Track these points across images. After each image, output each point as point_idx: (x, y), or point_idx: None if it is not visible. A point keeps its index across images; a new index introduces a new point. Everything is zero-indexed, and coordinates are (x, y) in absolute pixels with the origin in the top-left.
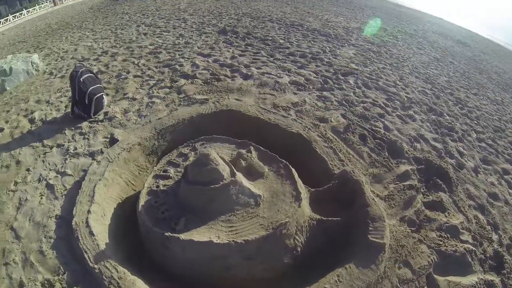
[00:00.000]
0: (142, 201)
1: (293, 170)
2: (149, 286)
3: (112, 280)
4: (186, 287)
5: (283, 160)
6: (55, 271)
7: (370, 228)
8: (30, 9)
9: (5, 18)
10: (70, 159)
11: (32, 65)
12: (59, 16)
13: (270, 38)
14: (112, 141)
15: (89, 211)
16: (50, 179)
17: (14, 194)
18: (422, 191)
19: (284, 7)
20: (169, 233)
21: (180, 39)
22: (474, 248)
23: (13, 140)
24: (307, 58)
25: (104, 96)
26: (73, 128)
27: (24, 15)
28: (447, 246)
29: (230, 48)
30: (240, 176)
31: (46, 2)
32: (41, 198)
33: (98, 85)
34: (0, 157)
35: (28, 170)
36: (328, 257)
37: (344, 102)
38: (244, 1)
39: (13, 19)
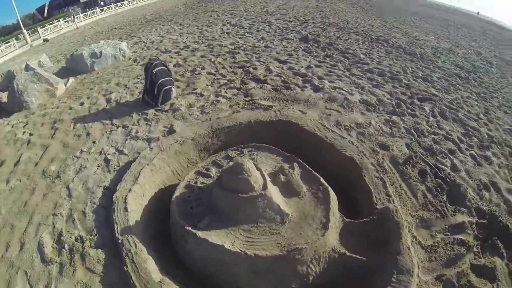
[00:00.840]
0: (177, 192)
1: (332, 195)
2: (160, 268)
3: (129, 253)
4: (191, 282)
5: (324, 183)
6: (89, 231)
7: (393, 279)
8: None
9: (107, 6)
10: (130, 140)
11: (120, 51)
12: (155, 8)
13: (351, 52)
14: (171, 131)
15: (130, 190)
16: (109, 154)
17: (77, 160)
18: (475, 250)
19: (373, 20)
20: (190, 228)
21: (261, 42)
22: None
23: (89, 115)
24: (385, 77)
25: (173, 88)
26: (140, 113)
27: (124, 4)
28: None
29: (308, 57)
30: (271, 191)
31: None
32: (97, 168)
33: (168, 78)
34: (75, 127)
35: (94, 142)
36: None
37: (412, 131)
38: (333, 11)
39: (115, 8)
